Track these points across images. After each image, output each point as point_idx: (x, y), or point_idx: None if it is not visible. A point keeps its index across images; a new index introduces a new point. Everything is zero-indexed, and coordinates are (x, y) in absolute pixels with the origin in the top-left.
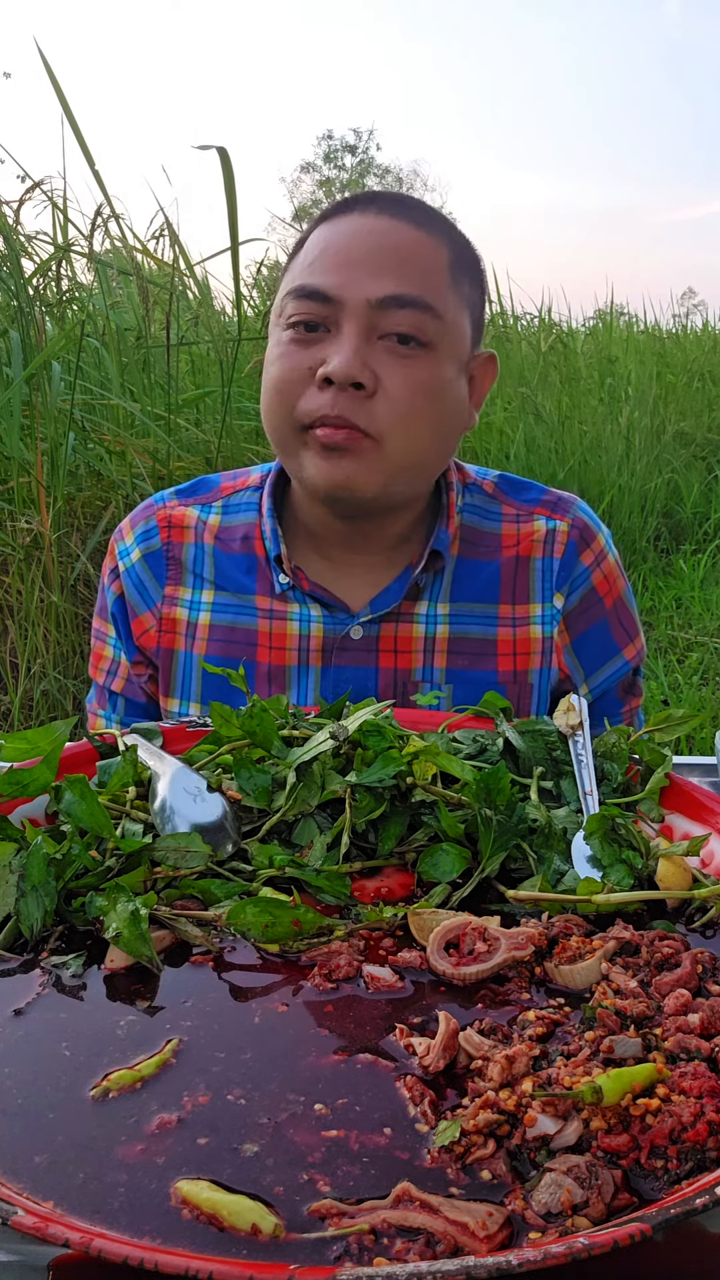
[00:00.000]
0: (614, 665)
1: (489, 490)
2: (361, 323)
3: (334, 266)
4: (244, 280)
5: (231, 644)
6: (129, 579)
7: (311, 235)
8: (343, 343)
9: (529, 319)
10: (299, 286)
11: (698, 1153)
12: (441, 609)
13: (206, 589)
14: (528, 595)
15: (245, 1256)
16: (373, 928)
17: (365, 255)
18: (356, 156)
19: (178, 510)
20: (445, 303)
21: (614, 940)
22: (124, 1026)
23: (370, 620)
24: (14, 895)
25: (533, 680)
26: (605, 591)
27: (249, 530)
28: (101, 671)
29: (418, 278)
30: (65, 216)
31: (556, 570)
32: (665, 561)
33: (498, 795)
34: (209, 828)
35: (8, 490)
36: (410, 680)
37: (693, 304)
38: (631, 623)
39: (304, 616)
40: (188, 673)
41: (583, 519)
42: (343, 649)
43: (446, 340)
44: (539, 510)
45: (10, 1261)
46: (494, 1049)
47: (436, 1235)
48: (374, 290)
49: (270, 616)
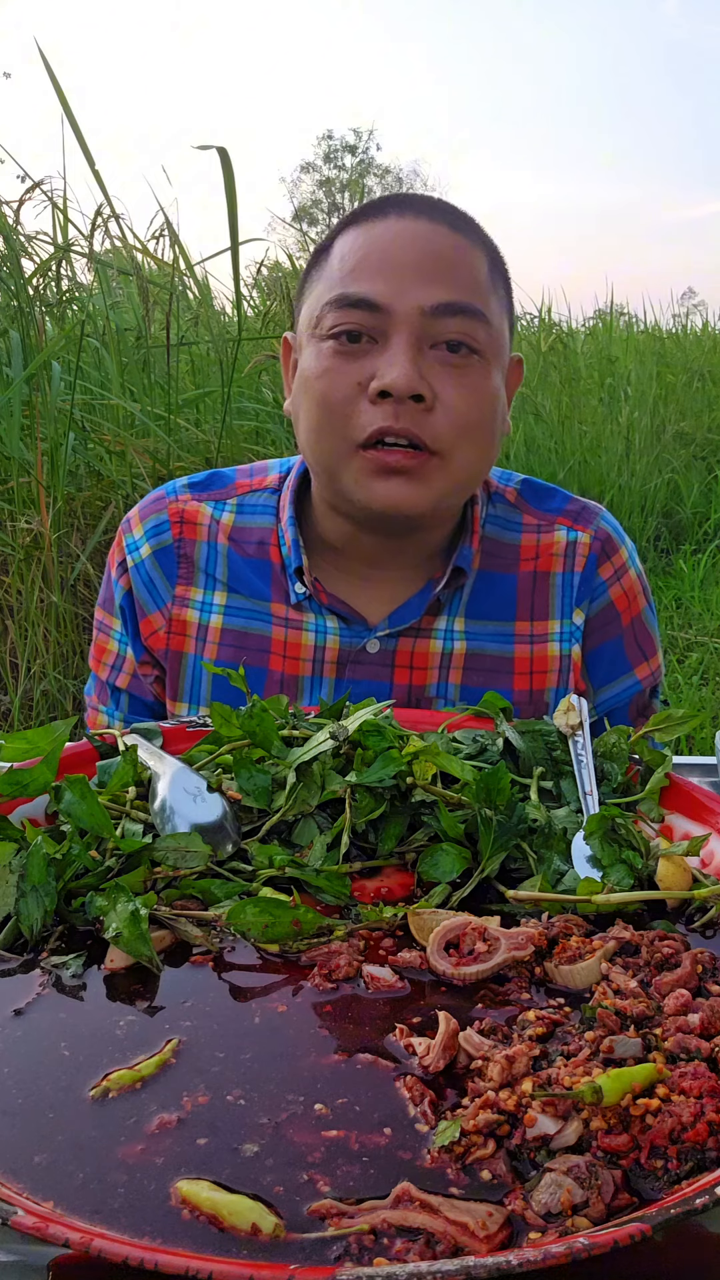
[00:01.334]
0: (623, 684)
1: (511, 499)
2: (413, 332)
3: (379, 273)
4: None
5: (244, 650)
6: (138, 575)
7: (341, 239)
8: (396, 354)
9: (529, 319)
10: (341, 295)
11: (698, 1153)
12: (459, 625)
13: (219, 590)
14: (546, 612)
15: (245, 1256)
16: (373, 928)
17: (411, 260)
18: (356, 156)
19: (190, 505)
20: (490, 308)
21: (614, 940)
22: (124, 1026)
23: (388, 634)
24: (14, 895)
25: (549, 699)
26: (624, 608)
27: (265, 535)
28: (105, 666)
29: (466, 283)
30: (65, 216)
31: (577, 585)
32: (665, 561)
33: (498, 795)
34: (209, 828)
35: (8, 490)
36: (424, 696)
37: (693, 304)
38: (649, 642)
39: (320, 628)
40: (196, 677)
41: (606, 530)
42: (357, 662)
43: (493, 347)
44: (561, 520)
45: (10, 1261)
46: (494, 1049)
47: (436, 1235)
48: (426, 298)
49: (286, 625)
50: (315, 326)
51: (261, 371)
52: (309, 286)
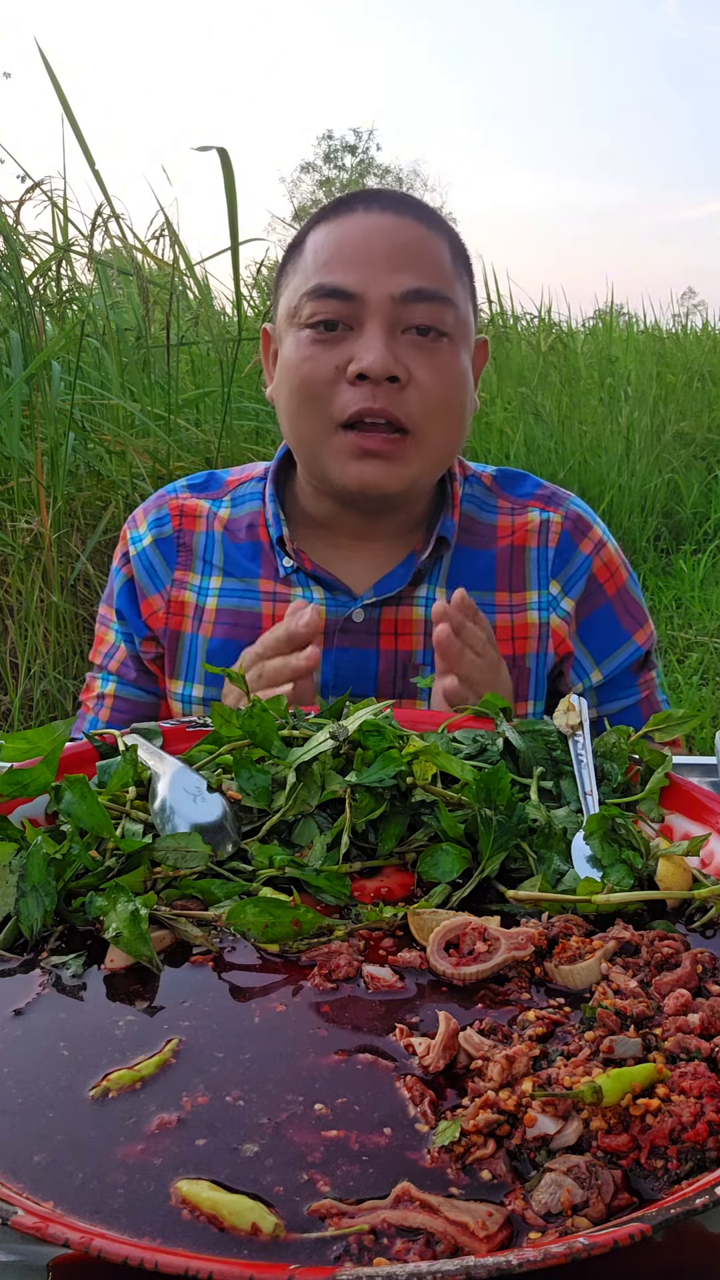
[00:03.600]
0: (626, 650)
1: (487, 483)
2: (386, 318)
3: (352, 264)
4: (244, 280)
5: (236, 627)
6: (140, 562)
7: (313, 234)
8: (371, 339)
9: (529, 319)
10: (317, 286)
11: (698, 1153)
12: (440, 593)
13: (215, 575)
14: (524, 583)
15: (245, 1256)
16: (373, 928)
17: (382, 252)
18: (356, 156)
19: (190, 501)
20: (455, 293)
21: (614, 940)
22: (123, 1026)
23: (373, 603)
24: (14, 895)
25: (530, 664)
26: (606, 579)
27: (254, 519)
28: (100, 654)
29: (432, 271)
30: (65, 216)
31: (551, 559)
32: (665, 561)
33: (498, 795)
34: (209, 828)
35: (8, 490)
36: (411, 662)
37: (693, 304)
38: (639, 609)
39: (307, 599)
40: (193, 655)
41: (575, 510)
42: (345, 631)
43: (460, 329)
44: (533, 503)
45: (10, 1261)
46: (494, 1049)
47: (436, 1235)
48: (396, 285)
49: (274, 599)
50: (294, 316)
51: (261, 371)
52: (285, 280)
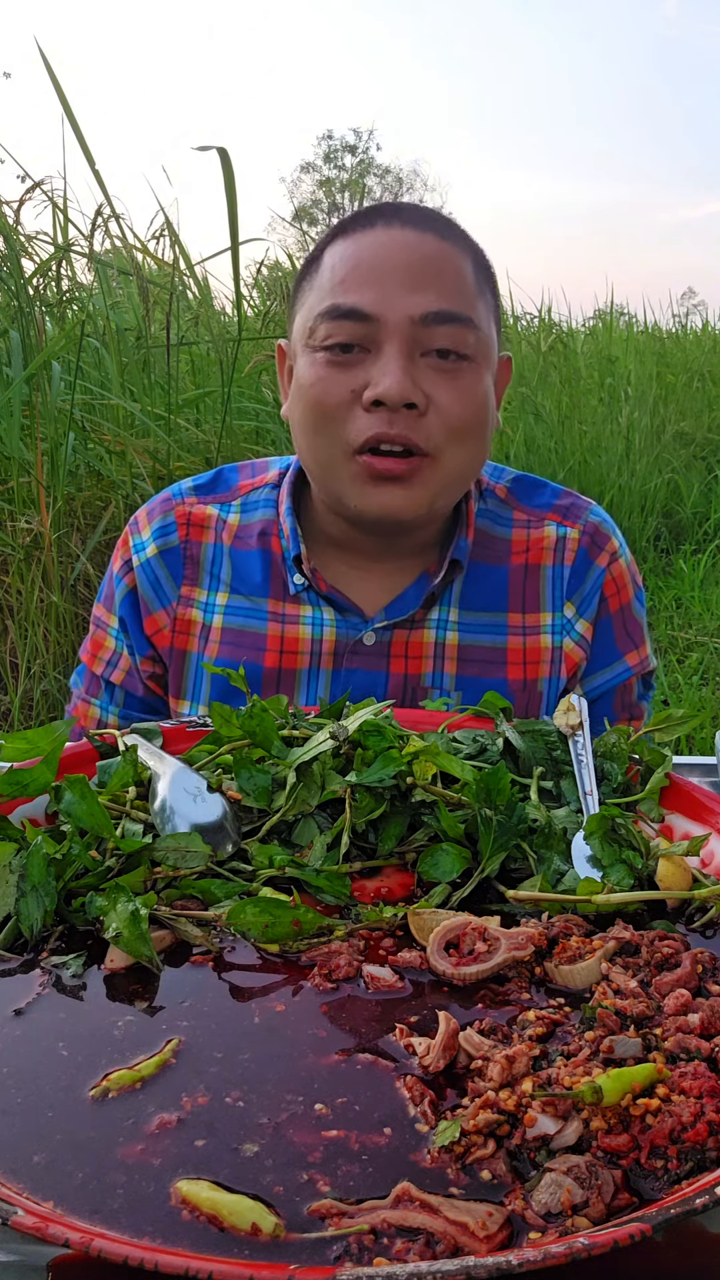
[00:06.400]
0: (613, 670)
1: (501, 495)
2: (405, 340)
3: (368, 283)
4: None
5: (240, 647)
6: (143, 574)
7: (330, 249)
8: (388, 363)
9: (529, 319)
10: (332, 306)
11: (698, 1153)
12: (453, 616)
13: (221, 591)
14: (538, 604)
15: (245, 1256)
16: (373, 928)
17: (401, 271)
18: (356, 156)
19: (197, 508)
20: (478, 314)
21: (614, 940)
22: (123, 1026)
23: (384, 626)
24: (14, 895)
25: (542, 689)
26: (612, 593)
27: (266, 526)
28: (100, 661)
29: (454, 291)
30: (65, 216)
31: (567, 578)
32: (665, 561)
33: (498, 795)
34: (209, 828)
35: (8, 490)
36: (420, 686)
37: (693, 304)
38: (637, 630)
39: (316, 620)
40: (199, 674)
41: (594, 523)
42: (354, 653)
43: (482, 350)
44: (550, 516)
45: (10, 1261)
46: (494, 1049)
47: (436, 1235)
48: (415, 307)
49: (281, 620)
50: (309, 337)
51: (261, 371)
52: (301, 296)
